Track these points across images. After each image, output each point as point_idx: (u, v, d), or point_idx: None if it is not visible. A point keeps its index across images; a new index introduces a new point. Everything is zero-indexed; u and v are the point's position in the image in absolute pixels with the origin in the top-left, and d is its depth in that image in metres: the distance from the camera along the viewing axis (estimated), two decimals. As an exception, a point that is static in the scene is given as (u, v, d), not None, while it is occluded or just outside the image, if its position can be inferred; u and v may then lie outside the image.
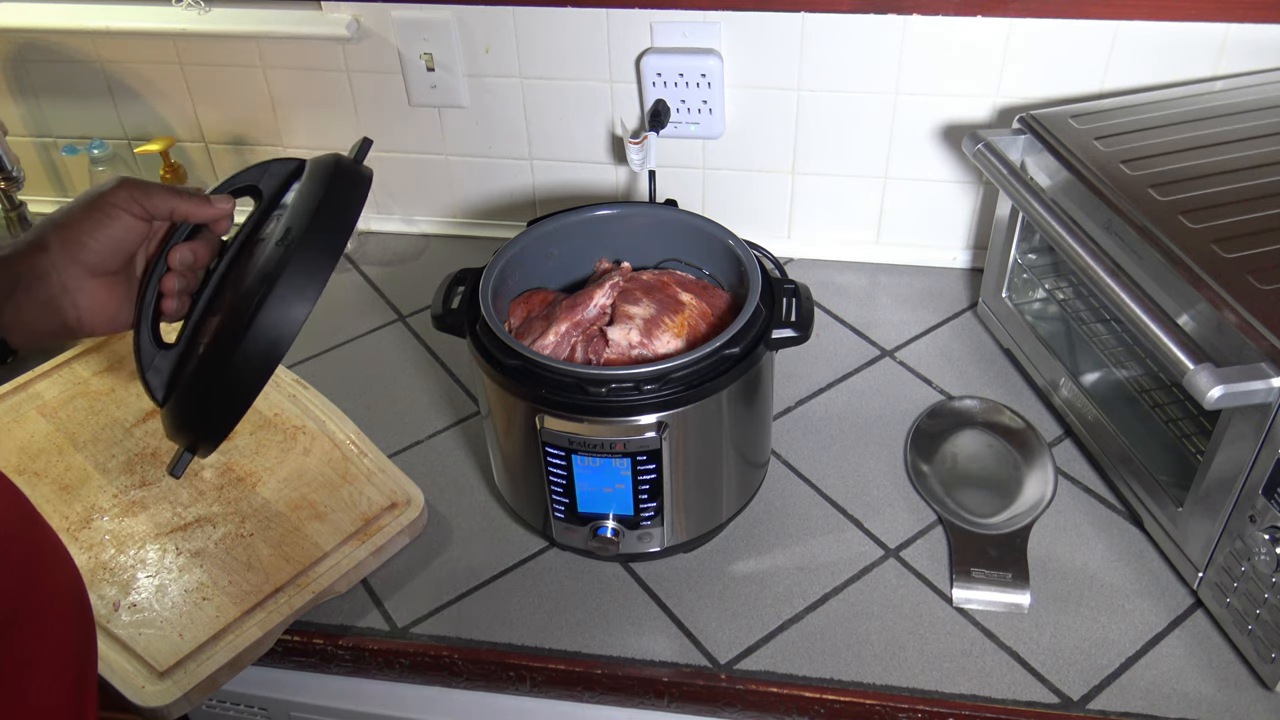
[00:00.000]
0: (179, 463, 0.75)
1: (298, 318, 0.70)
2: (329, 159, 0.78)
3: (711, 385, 0.84)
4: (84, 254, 0.72)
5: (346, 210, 0.75)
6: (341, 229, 0.74)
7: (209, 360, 0.72)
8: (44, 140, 1.44)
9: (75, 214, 0.73)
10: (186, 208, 0.76)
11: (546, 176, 1.33)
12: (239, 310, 0.71)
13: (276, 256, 0.71)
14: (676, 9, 1.15)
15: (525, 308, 0.96)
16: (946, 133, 1.19)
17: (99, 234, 0.72)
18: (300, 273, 0.71)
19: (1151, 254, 0.85)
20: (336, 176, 0.76)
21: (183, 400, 0.75)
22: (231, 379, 0.71)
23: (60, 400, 1.11)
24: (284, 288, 0.70)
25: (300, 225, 0.72)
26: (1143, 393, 1.00)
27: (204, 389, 0.73)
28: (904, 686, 0.85)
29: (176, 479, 0.75)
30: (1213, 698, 0.83)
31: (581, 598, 0.93)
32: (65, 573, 0.59)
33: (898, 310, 1.23)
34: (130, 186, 0.74)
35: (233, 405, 0.72)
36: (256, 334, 0.70)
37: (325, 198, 0.74)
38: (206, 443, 0.76)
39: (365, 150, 0.81)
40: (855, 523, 0.98)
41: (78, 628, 0.59)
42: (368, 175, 0.78)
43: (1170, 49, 1.08)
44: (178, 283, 0.76)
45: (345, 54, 1.27)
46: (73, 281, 0.72)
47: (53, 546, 0.59)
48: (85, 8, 1.30)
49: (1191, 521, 0.87)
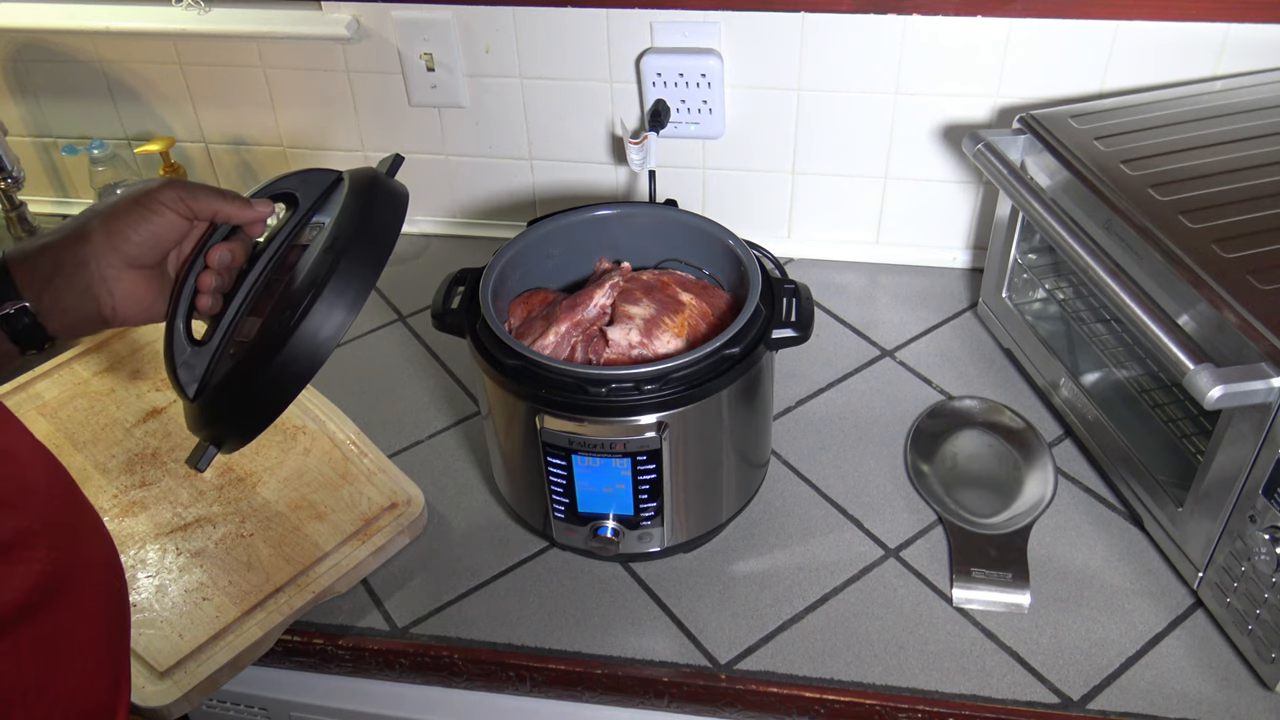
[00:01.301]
0: (204, 456, 0.76)
1: (342, 323, 0.72)
2: (369, 173, 0.81)
3: (711, 385, 0.84)
4: (125, 245, 0.74)
5: (390, 224, 0.77)
6: (386, 242, 0.76)
7: (253, 359, 0.73)
8: (44, 140, 1.44)
9: (121, 207, 0.75)
10: (229, 210, 0.78)
11: (546, 176, 1.33)
12: (286, 312, 0.72)
13: (326, 263, 0.73)
14: (676, 9, 1.15)
15: (525, 308, 0.96)
16: (946, 133, 1.19)
17: (142, 228, 0.75)
18: (347, 280, 0.73)
19: (1151, 254, 0.85)
20: (379, 190, 0.78)
21: (219, 396, 0.75)
22: (273, 378, 0.72)
23: (60, 400, 1.11)
24: (331, 293, 0.72)
25: (347, 235, 0.75)
26: (1143, 393, 1.00)
27: (244, 386, 0.74)
28: (904, 686, 0.85)
29: (200, 472, 0.76)
30: (1213, 698, 0.83)
31: (581, 598, 0.93)
32: (103, 546, 0.61)
33: (898, 310, 1.23)
34: (178, 187, 0.76)
35: (271, 404, 0.74)
36: (302, 336, 0.71)
37: (371, 210, 0.77)
38: (237, 439, 0.76)
39: (397, 166, 0.83)
40: (855, 523, 0.98)
41: (114, 599, 0.60)
42: (405, 192, 0.81)
43: (1170, 49, 1.08)
44: (214, 281, 0.78)
45: (345, 54, 1.27)
46: (111, 272, 0.74)
47: (93, 520, 0.60)
48: (85, 8, 1.30)
49: (1191, 521, 0.87)
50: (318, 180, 0.83)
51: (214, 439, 0.76)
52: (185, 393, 0.77)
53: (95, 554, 0.60)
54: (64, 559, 0.55)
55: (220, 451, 0.77)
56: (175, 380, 0.77)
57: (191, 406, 0.77)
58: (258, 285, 0.80)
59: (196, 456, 0.76)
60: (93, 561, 0.59)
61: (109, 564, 0.61)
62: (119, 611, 0.61)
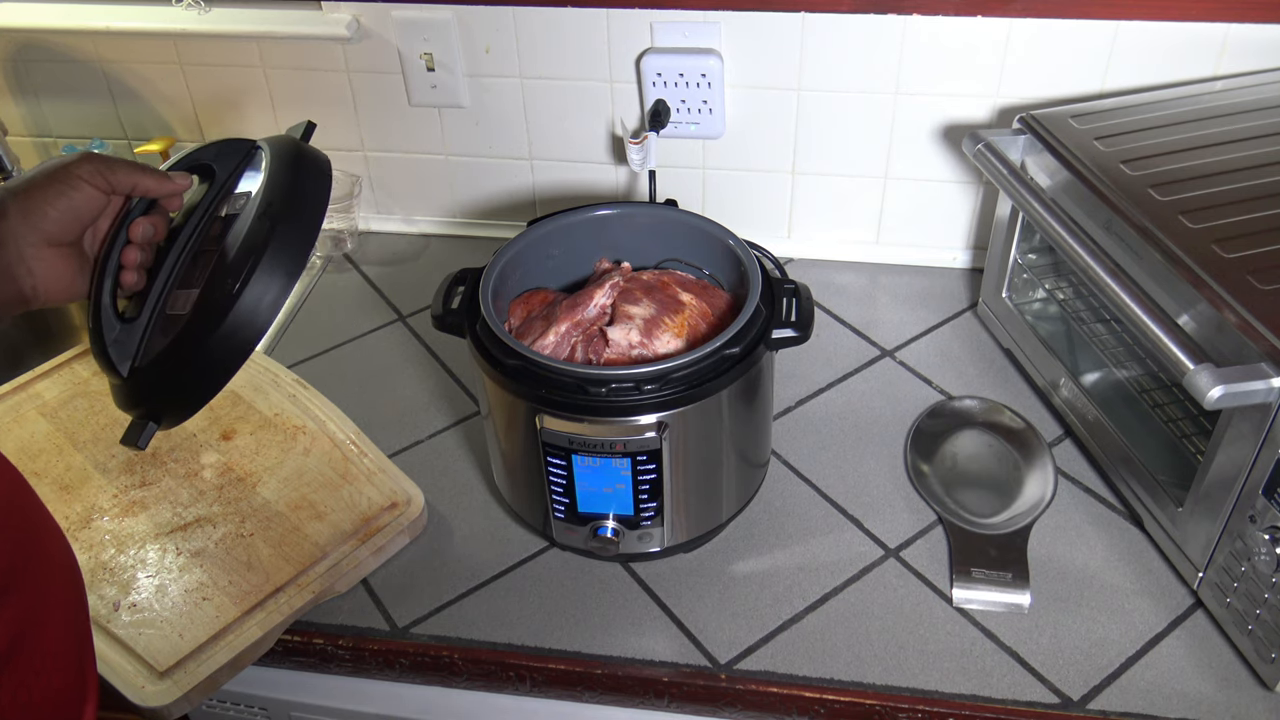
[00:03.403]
0: (144, 433, 0.75)
1: (282, 290, 0.71)
2: (290, 141, 0.80)
3: (711, 385, 0.84)
4: (44, 222, 0.73)
5: (318, 191, 0.77)
6: (317, 209, 0.76)
7: (195, 329, 0.72)
8: (44, 140, 1.44)
9: (37, 183, 0.73)
10: (148, 183, 0.77)
11: (546, 176, 1.33)
12: (227, 280, 0.71)
13: (262, 230, 0.72)
14: (676, 9, 1.15)
15: (525, 308, 0.96)
16: (946, 133, 1.19)
17: (59, 203, 0.73)
18: (284, 246, 0.72)
19: (1151, 254, 0.85)
20: (304, 158, 0.78)
21: (160, 370, 0.74)
22: (218, 348, 0.71)
23: (60, 400, 1.11)
24: (270, 260, 0.71)
25: (280, 202, 0.74)
26: (1143, 393, 1.00)
27: (189, 358, 0.72)
28: (904, 686, 0.85)
29: (141, 450, 0.75)
30: (1213, 698, 0.83)
31: (581, 598, 0.93)
32: (57, 542, 0.60)
33: (898, 310, 1.23)
34: (95, 160, 0.75)
35: (217, 375, 0.73)
36: (245, 304, 0.70)
37: (299, 178, 0.76)
38: (178, 413, 0.75)
39: (310, 133, 0.83)
40: (855, 523, 0.98)
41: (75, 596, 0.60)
42: (327, 159, 0.80)
43: (1170, 49, 1.08)
44: (138, 255, 0.77)
45: (345, 54, 1.27)
46: (30, 250, 0.72)
47: (45, 518, 0.60)
48: (85, 8, 1.30)
49: (1191, 521, 0.87)
50: (233, 150, 0.82)
51: (153, 415, 0.75)
52: (118, 370, 0.76)
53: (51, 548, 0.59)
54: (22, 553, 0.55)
55: (160, 427, 0.75)
56: (105, 358, 0.76)
57: (125, 384, 0.76)
58: (183, 259, 0.78)
59: (135, 434, 0.75)
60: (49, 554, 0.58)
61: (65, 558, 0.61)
62: (79, 604, 0.61)
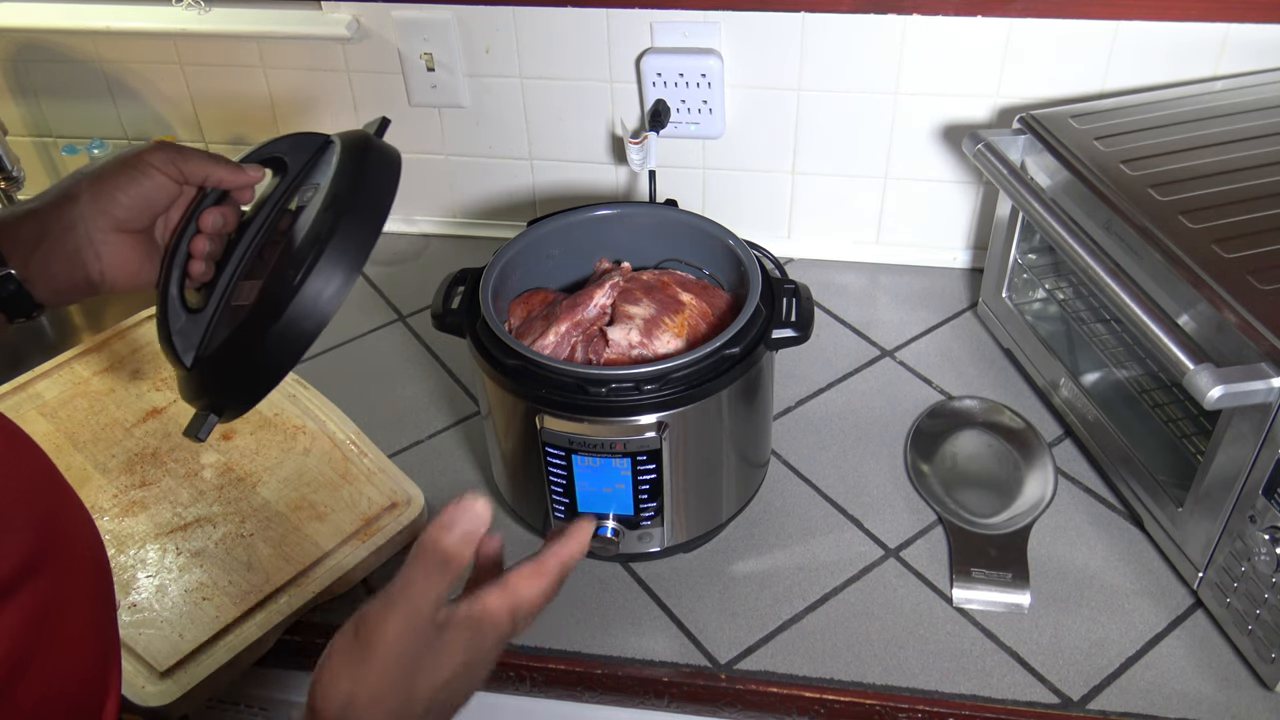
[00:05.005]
0: (205, 425, 0.74)
1: (344, 283, 0.71)
2: (361, 135, 0.79)
3: (711, 385, 0.84)
4: (114, 208, 0.73)
5: (386, 184, 0.76)
6: (383, 202, 0.75)
7: (256, 320, 0.72)
8: (44, 140, 1.44)
9: (110, 169, 0.74)
10: (220, 174, 0.77)
11: (546, 176, 1.33)
12: (289, 271, 0.71)
13: (327, 222, 0.72)
14: (676, 9, 1.15)
15: (525, 308, 0.96)
16: (946, 133, 1.19)
17: (131, 189, 0.73)
18: (348, 239, 0.71)
19: (1151, 254, 0.85)
20: (373, 151, 0.77)
21: (220, 361, 0.74)
22: (278, 339, 0.71)
23: (60, 400, 1.11)
24: (334, 252, 0.71)
25: (346, 194, 0.73)
26: (1143, 393, 1.00)
27: (248, 349, 0.72)
28: (904, 686, 0.85)
29: (201, 442, 0.75)
30: (1213, 698, 0.83)
31: (581, 598, 0.93)
32: (85, 527, 0.60)
33: (898, 310, 1.23)
34: (168, 149, 0.75)
35: (275, 366, 0.72)
36: (306, 295, 0.70)
37: (367, 171, 0.75)
38: (238, 405, 0.75)
39: (385, 128, 0.82)
40: (855, 523, 0.98)
41: (100, 579, 0.60)
42: (398, 153, 0.79)
43: (1170, 49, 1.08)
44: (208, 246, 0.77)
45: (345, 54, 1.27)
46: (99, 235, 0.72)
47: (74, 504, 0.60)
48: (85, 8, 1.30)
49: (1191, 521, 0.87)
50: (306, 144, 0.81)
51: (214, 407, 0.75)
52: (182, 361, 0.75)
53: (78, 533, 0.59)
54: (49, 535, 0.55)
55: (220, 420, 0.75)
56: (170, 348, 0.76)
57: (189, 375, 0.76)
58: (250, 251, 0.78)
59: (196, 426, 0.74)
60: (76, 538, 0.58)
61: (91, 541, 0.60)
62: (105, 588, 0.61)
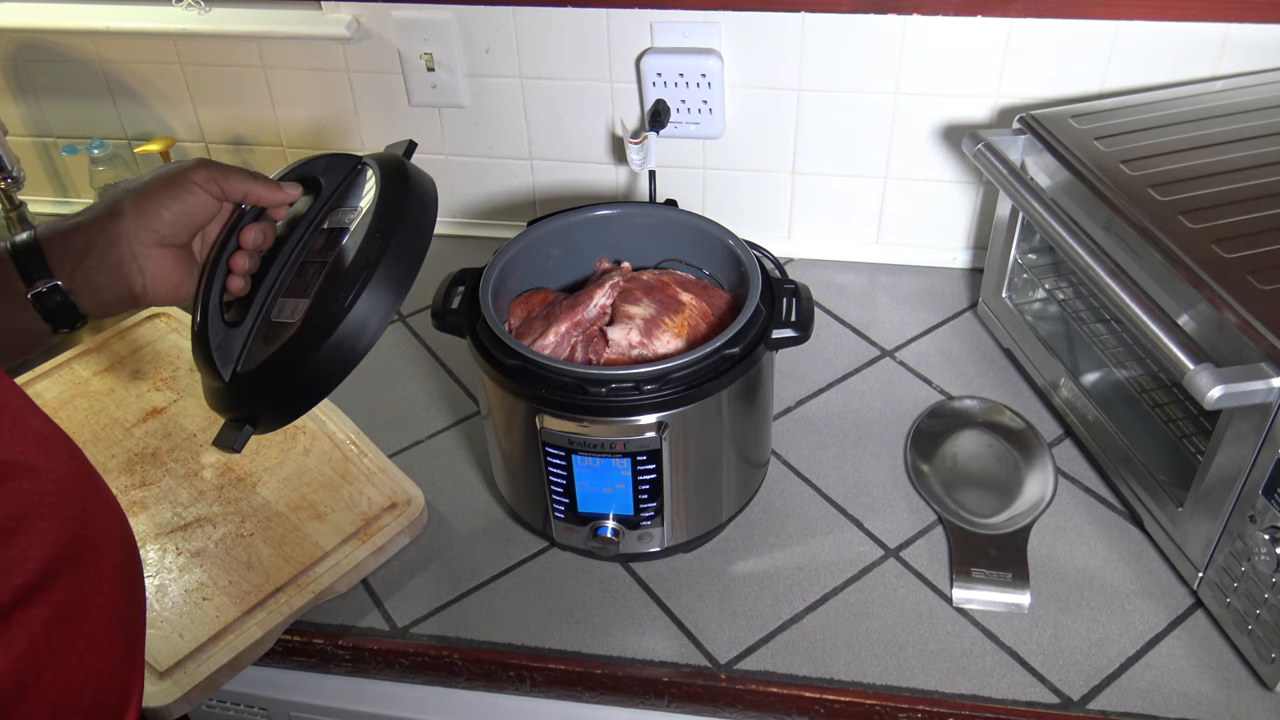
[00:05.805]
0: (240, 438, 0.75)
1: (392, 305, 0.73)
2: (394, 160, 0.81)
3: (711, 385, 0.84)
4: (157, 223, 0.75)
5: (427, 208, 0.78)
6: (426, 228, 0.77)
7: (306, 338, 0.73)
8: (44, 140, 1.44)
9: (154, 185, 0.76)
10: (260, 191, 0.79)
11: (546, 176, 1.33)
12: (340, 292, 0.73)
13: (376, 245, 0.74)
14: (676, 9, 1.15)
15: (525, 308, 0.96)
16: (946, 133, 1.19)
17: (174, 206, 0.76)
18: (396, 264, 0.74)
19: (1151, 254, 0.85)
20: (412, 177, 0.79)
21: (264, 376, 0.75)
22: (326, 358, 0.73)
23: (60, 400, 1.11)
24: (383, 275, 0.73)
25: (392, 218, 0.75)
26: (1143, 393, 1.00)
27: (292, 368, 0.74)
28: (904, 686, 0.85)
29: (237, 453, 0.76)
30: (1213, 698, 0.83)
31: (581, 598, 0.93)
32: (116, 522, 0.61)
33: (898, 310, 1.23)
34: (210, 167, 0.77)
35: (320, 384, 0.75)
36: (355, 317, 0.72)
37: (409, 196, 0.77)
38: (276, 419, 0.76)
39: (411, 152, 0.85)
40: (855, 523, 0.98)
41: (128, 576, 0.61)
42: (432, 180, 0.82)
43: (1170, 49, 1.08)
44: (247, 262, 0.79)
45: (345, 54, 1.27)
46: (142, 249, 0.75)
47: (107, 500, 0.61)
48: (85, 8, 1.30)
49: (1191, 521, 0.87)
50: (341, 165, 0.84)
51: (250, 419, 0.76)
52: (219, 373, 0.77)
53: (108, 528, 0.60)
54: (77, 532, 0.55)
55: (256, 432, 0.76)
56: (208, 360, 0.77)
57: (226, 387, 0.77)
58: (289, 268, 0.80)
59: (231, 438, 0.76)
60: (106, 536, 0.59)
61: (122, 539, 0.61)
62: (133, 588, 0.61)
